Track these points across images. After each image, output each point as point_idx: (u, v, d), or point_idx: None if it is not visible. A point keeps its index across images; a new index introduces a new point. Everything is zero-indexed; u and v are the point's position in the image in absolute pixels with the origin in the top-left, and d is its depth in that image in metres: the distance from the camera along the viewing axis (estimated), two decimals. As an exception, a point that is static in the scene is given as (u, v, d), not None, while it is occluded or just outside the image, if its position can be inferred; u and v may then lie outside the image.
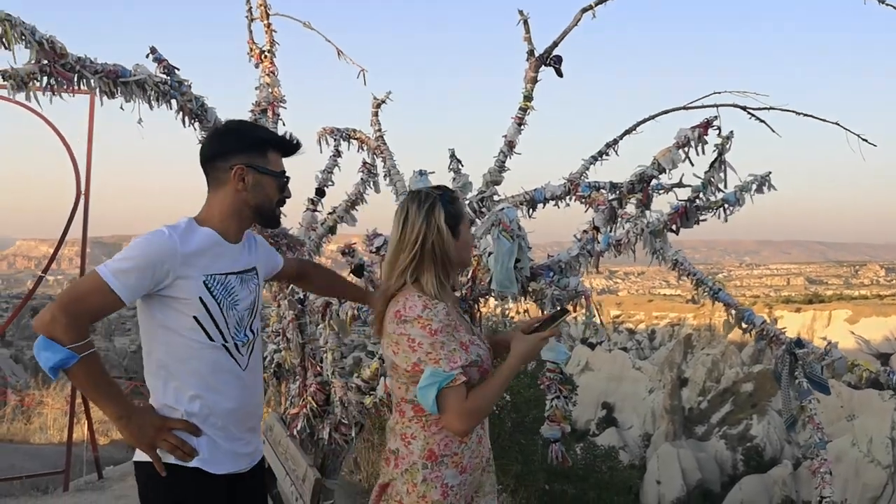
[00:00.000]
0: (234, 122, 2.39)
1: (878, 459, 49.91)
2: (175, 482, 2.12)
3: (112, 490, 6.03)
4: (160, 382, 2.16)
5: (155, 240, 2.05)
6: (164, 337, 2.12)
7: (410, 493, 2.20)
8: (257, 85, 4.59)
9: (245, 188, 2.21)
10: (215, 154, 2.24)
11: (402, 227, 2.23)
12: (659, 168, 3.03)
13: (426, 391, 2.08)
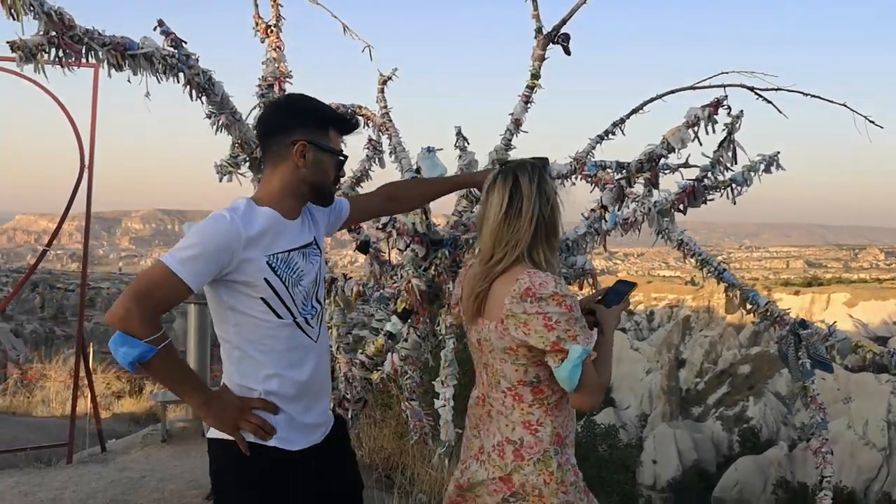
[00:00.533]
0: (297, 95, 2.34)
1: (874, 442, 50.28)
2: (252, 461, 2.12)
3: (115, 463, 6.08)
4: (235, 363, 2.16)
5: (218, 225, 2.04)
6: (234, 319, 2.12)
7: (549, 482, 2.11)
8: (264, 60, 4.57)
9: (305, 165, 2.18)
10: (276, 128, 2.21)
11: (509, 199, 2.13)
12: (668, 147, 3.02)
13: (574, 370, 2.01)
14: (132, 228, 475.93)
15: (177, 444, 6.55)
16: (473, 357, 2.31)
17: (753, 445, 56.04)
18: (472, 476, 2.20)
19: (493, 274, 2.13)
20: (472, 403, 2.32)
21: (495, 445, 2.18)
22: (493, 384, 2.20)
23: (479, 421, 2.27)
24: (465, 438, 2.35)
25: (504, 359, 2.14)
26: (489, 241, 2.15)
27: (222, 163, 3.81)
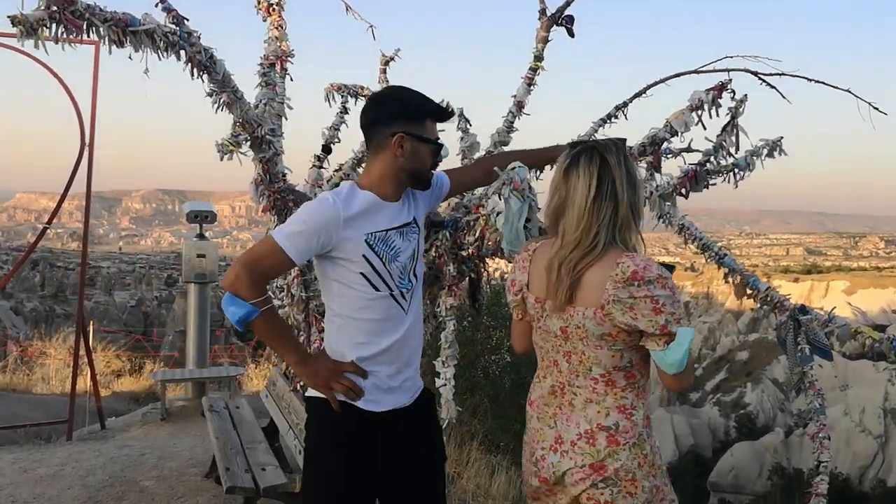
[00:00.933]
0: (396, 88, 2.49)
1: (870, 429, 50.44)
2: (341, 420, 2.32)
3: (114, 440, 6.11)
4: (334, 330, 2.38)
5: (321, 207, 2.24)
6: (338, 290, 2.32)
7: (642, 465, 2.10)
8: (266, 38, 4.54)
9: (403, 154, 2.32)
10: (377, 120, 2.36)
11: (598, 181, 2.08)
12: (671, 130, 3.01)
13: (685, 353, 1.99)
14: (132, 208, 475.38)
15: (176, 423, 6.58)
16: (544, 346, 2.23)
17: (750, 431, 56.22)
18: (556, 468, 2.16)
19: (586, 260, 2.07)
20: (545, 394, 2.24)
21: (582, 434, 2.13)
22: (580, 372, 2.15)
23: (555, 411, 2.20)
24: (531, 431, 2.27)
25: (600, 345, 2.10)
26: (576, 226, 2.09)
27: (223, 142, 3.79)
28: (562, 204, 2.14)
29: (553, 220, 2.18)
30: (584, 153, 2.14)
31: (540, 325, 2.23)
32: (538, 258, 2.25)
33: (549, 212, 2.20)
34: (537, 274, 2.22)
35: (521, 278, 2.29)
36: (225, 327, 41.35)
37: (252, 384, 10.02)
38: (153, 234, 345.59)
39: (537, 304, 2.22)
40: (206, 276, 7.29)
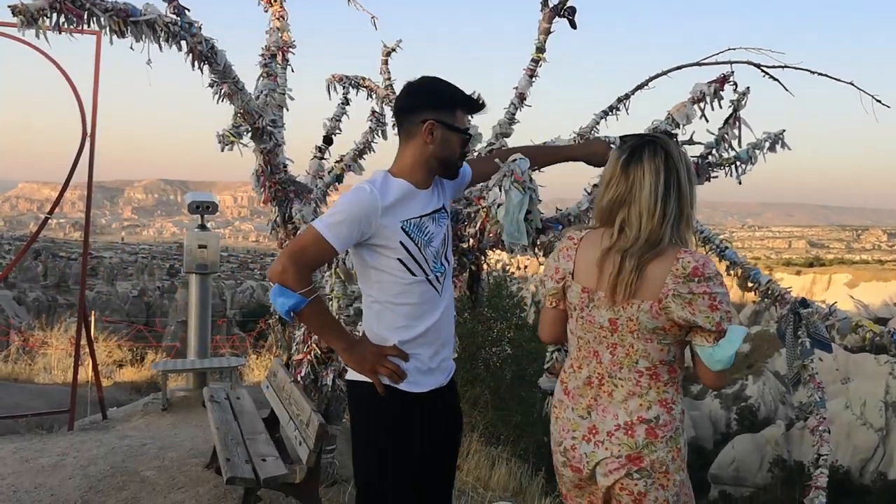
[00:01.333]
0: (428, 78, 2.50)
1: (871, 422, 50.48)
2: (387, 403, 2.41)
3: (116, 430, 6.12)
4: (374, 316, 2.45)
5: (359, 196, 2.31)
6: (376, 277, 2.40)
7: (675, 459, 2.13)
8: (267, 29, 4.53)
9: (433, 142, 2.39)
10: (408, 108, 2.43)
11: (665, 175, 2.09)
12: (673, 123, 3.00)
13: (735, 350, 2.04)
14: (134, 198, 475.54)
15: (177, 413, 6.60)
16: (585, 336, 2.21)
17: (751, 424, 56.28)
18: (589, 458, 2.17)
19: (650, 255, 2.07)
20: (581, 384, 2.22)
21: (621, 425, 2.13)
22: (625, 364, 2.15)
23: (590, 402, 2.20)
24: (564, 420, 2.25)
25: (650, 338, 2.11)
26: (643, 220, 2.08)
27: (224, 133, 3.79)
28: (621, 197, 2.12)
29: (608, 213, 2.16)
30: (646, 146, 2.13)
31: (583, 315, 2.20)
32: (586, 248, 2.21)
33: (602, 203, 2.18)
34: (585, 263, 2.19)
35: (565, 266, 2.24)
36: (227, 317, 41.35)
37: (253, 375, 10.04)
38: (155, 225, 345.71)
39: (584, 293, 2.18)
40: (208, 267, 7.30)
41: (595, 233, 2.22)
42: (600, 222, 2.21)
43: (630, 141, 2.18)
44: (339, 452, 4.85)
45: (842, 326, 3.24)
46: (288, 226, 4.37)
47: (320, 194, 4.73)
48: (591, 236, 2.22)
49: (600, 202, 2.20)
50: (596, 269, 2.14)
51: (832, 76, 3.71)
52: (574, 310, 2.23)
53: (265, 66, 4.29)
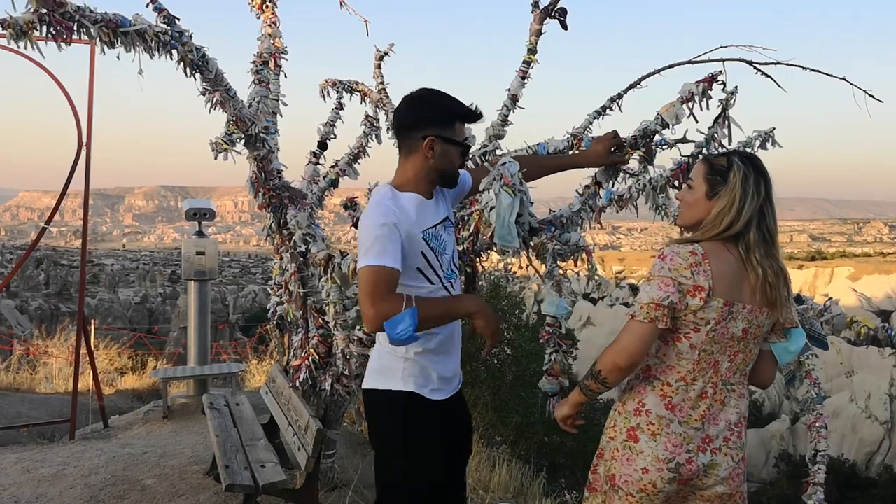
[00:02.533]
0: (427, 91, 2.53)
1: (876, 415, 50.38)
2: (412, 409, 2.45)
3: (118, 439, 6.13)
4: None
5: (381, 210, 2.34)
6: (399, 290, 2.36)
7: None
8: (259, 36, 4.54)
9: (433, 156, 2.44)
10: (408, 123, 2.47)
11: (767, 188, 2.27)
12: (662, 123, 3.00)
13: (804, 339, 2.32)
14: (135, 205, 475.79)
15: (178, 421, 6.60)
16: (710, 349, 2.22)
17: (756, 419, 56.17)
18: (709, 467, 2.22)
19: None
20: (692, 397, 2.24)
21: (732, 428, 2.27)
22: (740, 369, 2.29)
23: (704, 413, 2.23)
24: (671, 435, 2.22)
25: (760, 342, 2.30)
26: (774, 231, 2.27)
27: (217, 140, 3.80)
28: (751, 212, 2.22)
29: (745, 223, 2.22)
30: (755, 159, 2.31)
31: (717, 328, 2.19)
32: (717, 262, 2.20)
33: (745, 217, 2.22)
34: (724, 277, 2.19)
35: (706, 283, 2.17)
36: (229, 322, 41.31)
37: (255, 380, 10.05)
38: (156, 231, 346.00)
39: (726, 307, 2.18)
40: (206, 274, 7.30)
41: (715, 244, 2.23)
42: (720, 234, 2.24)
43: (741, 157, 2.30)
44: (339, 457, 4.86)
45: (837, 322, 3.24)
46: (283, 231, 4.38)
47: (315, 200, 4.74)
48: (714, 247, 2.22)
49: (734, 217, 2.22)
50: (737, 280, 2.20)
51: (825, 72, 3.71)
52: (706, 325, 2.19)
53: (257, 73, 4.30)
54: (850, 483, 41.82)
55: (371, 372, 2.55)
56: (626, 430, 2.28)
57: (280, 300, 4.77)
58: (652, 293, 2.17)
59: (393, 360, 2.47)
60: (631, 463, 2.24)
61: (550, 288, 3.22)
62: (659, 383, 2.27)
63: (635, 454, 2.23)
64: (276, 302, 4.84)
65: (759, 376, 2.38)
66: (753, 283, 2.19)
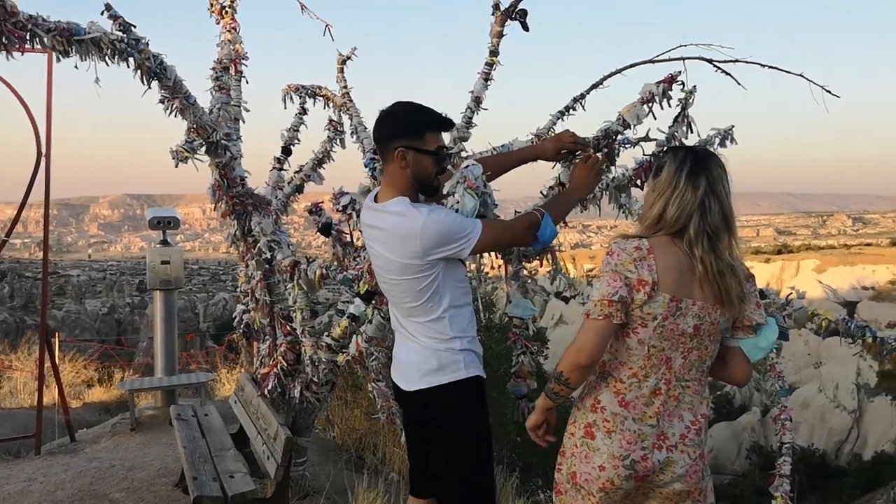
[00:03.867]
0: (399, 105, 2.62)
1: (844, 405, 51.16)
2: (479, 392, 2.62)
3: (84, 453, 6.03)
4: (447, 323, 2.57)
5: (437, 206, 2.56)
6: (451, 286, 2.57)
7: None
8: (219, 42, 4.50)
9: (407, 166, 2.53)
10: (382, 137, 2.59)
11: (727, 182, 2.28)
12: (624, 123, 3.01)
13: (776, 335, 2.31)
14: (100, 214, 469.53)
15: (146, 432, 6.51)
16: (659, 345, 2.22)
17: (727, 412, 56.79)
18: (664, 464, 2.22)
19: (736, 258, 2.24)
20: (646, 394, 2.23)
21: (689, 425, 2.25)
22: (695, 366, 2.26)
23: (658, 409, 2.23)
24: (625, 432, 2.23)
25: (718, 339, 2.28)
26: (726, 224, 2.23)
27: (178, 148, 3.75)
28: (691, 207, 2.21)
29: (675, 221, 2.22)
30: (710, 156, 2.31)
31: (665, 323, 2.19)
32: (663, 256, 2.19)
33: (677, 210, 2.22)
34: (669, 272, 2.18)
35: (649, 277, 2.17)
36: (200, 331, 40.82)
37: (225, 389, 9.94)
38: (123, 240, 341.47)
39: (672, 302, 2.17)
40: (172, 283, 7.21)
41: (662, 240, 2.23)
42: (667, 229, 2.23)
43: (682, 151, 2.30)
44: (311, 464, 4.83)
45: (799, 315, 3.28)
46: (248, 239, 4.35)
47: (280, 206, 4.71)
48: (661, 243, 2.22)
49: (663, 209, 2.23)
50: (687, 278, 2.19)
51: (783, 69, 3.76)
52: (653, 320, 2.19)
53: (217, 80, 4.27)
54: (820, 473, 42.42)
55: (430, 371, 2.59)
56: (584, 427, 2.29)
57: (247, 308, 4.73)
58: (602, 290, 2.17)
59: (451, 354, 2.57)
60: (589, 461, 2.24)
61: (516, 289, 3.22)
62: (612, 380, 2.27)
63: (592, 451, 2.25)
64: (243, 310, 4.80)
65: (732, 374, 2.36)
66: (700, 279, 2.18)
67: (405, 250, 2.48)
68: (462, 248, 2.48)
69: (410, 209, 2.48)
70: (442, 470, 2.65)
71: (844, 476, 43.93)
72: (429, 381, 2.59)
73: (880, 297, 75.78)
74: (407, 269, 2.50)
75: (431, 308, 2.56)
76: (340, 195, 3.62)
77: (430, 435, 2.67)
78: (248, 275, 4.55)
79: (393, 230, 2.52)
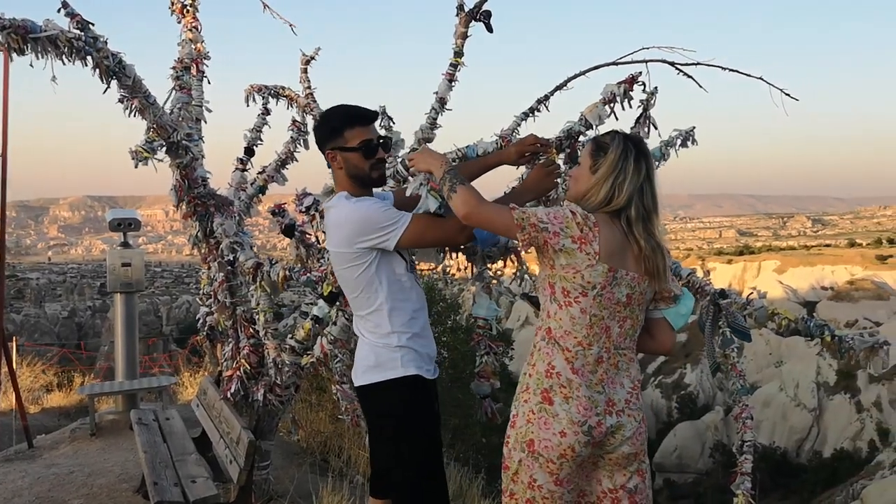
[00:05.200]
0: (327, 110, 2.77)
1: (804, 403, 52.08)
2: (420, 391, 2.63)
3: (43, 459, 5.91)
4: (384, 318, 2.60)
5: (366, 200, 2.61)
6: (387, 281, 2.60)
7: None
8: (179, 41, 4.44)
9: (340, 166, 2.64)
10: (317, 143, 2.72)
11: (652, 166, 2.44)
12: (586, 124, 3.04)
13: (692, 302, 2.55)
14: (60, 216, 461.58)
15: (106, 438, 6.39)
16: (599, 314, 2.33)
17: (691, 411, 57.53)
18: (616, 429, 2.34)
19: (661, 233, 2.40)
20: (590, 361, 2.34)
21: (631, 391, 2.40)
22: (629, 335, 2.40)
23: (602, 377, 2.35)
24: (580, 398, 2.31)
25: (644, 309, 2.43)
26: (655, 207, 2.38)
27: (137, 148, 3.69)
28: (645, 180, 2.36)
29: (627, 199, 2.33)
30: (640, 142, 2.45)
31: (602, 293, 2.31)
32: (605, 231, 2.30)
33: (626, 193, 2.33)
34: (609, 245, 2.30)
35: (596, 246, 2.29)
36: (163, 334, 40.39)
37: (188, 393, 9.81)
38: (84, 243, 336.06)
39: (610, 273, 2.30)
40: (133, 285, 7.10)
41: (603, 216, 2.34)
42: (603, 207, 2.35)
43: (622, 136, 2.41)
44: (275, 468, 4.78)
45: (759, 315, 3.32)
46: (210, 240, 4.29)
47: (243, 206, 4.66)
48: (602, 219, 2.33)
49: (612, 191, 2.34)
50: (621, 250, 2.32)
51: (743, 72, 3.81)
52: (592, 289, 2.30)
53: (177, 79, 4.21)
54: (781, 470, 43.15)
55: (367, 368, 2.63)
56: (541, 392, 2.34)
57: (209, 310, 4.67)
58: (539, 213, 2.29)
59: (388, 351, 2.60)
60: (549, 427, 2.30)
61: (480, 290, 3.23)
62: (560, 348, 2.36)
63: (551, 417, 2.31)
64: (206, 312, 4.74)
65: (660, 343, 2.56)
66: (637, 255, 2.33)
67: (336, 238, 2.58)
68: (386, 238, 2.51)
69: (342, 201, 2.58)
70: (384, 468, 2.73)
71: (805, 473, 44.73)
72: (367, 377, 2.64)
73: (839, 297, 77.25)
74: (340, 259, 2.59)
75: (368, 300, 2.61)
76: (303, 196, 3.59)
77: (371, 431, 2.74)
78: (210, 277, 4.49)
79: (329, 221, 2.64)
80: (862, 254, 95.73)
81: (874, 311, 70.35)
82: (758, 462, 3.69)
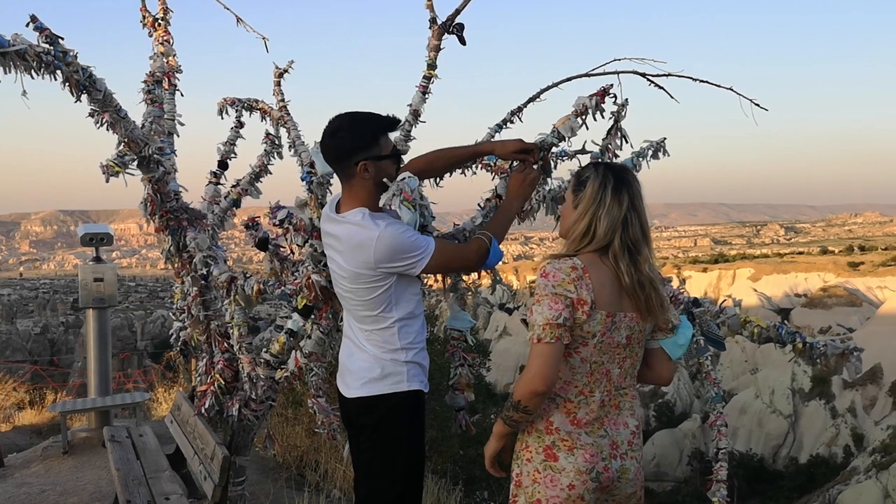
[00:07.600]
0: (344, 120, 2.62)
1: (780, 410, 52.59)
2: (418, 405, 2.66)
3: (14, 478, 5.82)
4: (395, 333, 2.62)
5: (394, 219, 2.60)
6: (407, 296, 2.64)
7: None
8: (151, 54, 4.41)
9: (370, 176, 2.59)
10: (338, 155, 2.62)
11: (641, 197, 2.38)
12: (559, 136, 3.05)
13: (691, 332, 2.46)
14: (32, 231, 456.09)
15: (79, 456, 6.30)
16: (599, 359, 2.27)
17: (668, 419, 57.87)
18: (620, 472, 2.28)
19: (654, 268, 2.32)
20: (594, 409, 2.28)
21: (633, 431, 2.35)
22: (629, 374, 2.35)
23: (604, 420, 2.29)
24: (584, 447, 2.25)
25: (643, 344, 2.37)
26: (644, 240, 2.30)
27: (108, 163, 3.65)
28: (614, 221, 2.27)
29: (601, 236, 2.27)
30: (625, 171, 2.38)
31: (603, 339, 2.25)
32: (596, 274, 2.24)
33: (605, 226, 2.27)
34: (603, 289, 2.24)
35: (588, 296, 2.21)
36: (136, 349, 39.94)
37: (163, 409, 9.70)
38: (56, 258, 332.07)
39: (608, 318, 2.24)
40: (105, 301, 7.02)
41: (591, 257, 2.28)
42: (594, 245, 2.28)
43: (602, 167, 2.36)
44: (250, 483, 4.74)
45: (731, 323, 3.35)
46: (183, 255, 4.25)
47: (217, 220, 4.63)
48: (592, 260, 2.27)
49: (592, 227, 2.28)
50: (617, 292, 2.25)
51: (713, 83, 3.85)
52: (592, 337, 2.23)
53: (149, 93, 4.18)
54: (758, 476, 43.47)
55: (372, 380, 2.62)
56: (543, 450, 2.27)
57: (183, 325, 4.63)
58: (545, 314, 2.18)
59: (396, 365, 2.61)
60: (555, 483, 2.22)
61: (455, 301, 3.23)
62: (561, 400, 2.28)
63: (557, 472, 2.22)
64: (180, 327, 4.69)
65: (658, 374, 2.46)
66: (627, 291, 2.25)
67: (357, 259, 2.53)
68: (413, 266, 2.53)
69: (368, 220, 2.54)
70: (366, 478, 2.74)
71: (782, 479, 45.09)
72: (370, 388, 2.62)
73: (812, 303, 78.18)
74: (358, 278, 2.56)
75: (381, 318, 2.60)
76: (277, 209, 3.56)
77: (361, 442, 2.72)
78: (183, 291, 4.45)
79: (349, 239, 2.57)
80: (834, 261, 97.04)
81: (847, 318, 71.31)
82: (735, 469, 3.73)
